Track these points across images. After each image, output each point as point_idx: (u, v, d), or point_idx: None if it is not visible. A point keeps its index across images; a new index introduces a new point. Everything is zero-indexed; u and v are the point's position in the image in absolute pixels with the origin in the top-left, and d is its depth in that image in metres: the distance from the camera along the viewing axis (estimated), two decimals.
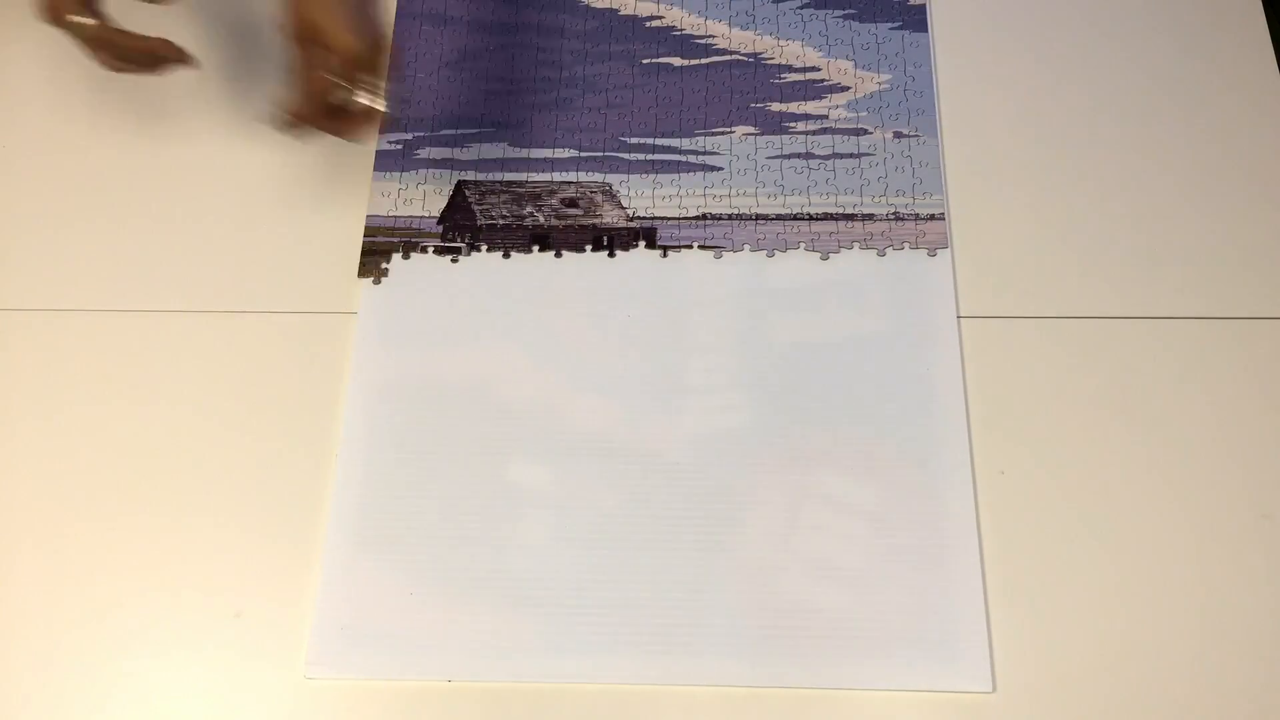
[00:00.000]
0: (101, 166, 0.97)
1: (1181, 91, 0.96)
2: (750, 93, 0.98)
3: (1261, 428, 0.83)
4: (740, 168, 0.95)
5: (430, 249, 0.92)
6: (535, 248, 0.91)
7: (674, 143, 0.96)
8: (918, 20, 1.01)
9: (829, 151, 0.95)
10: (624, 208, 0.94)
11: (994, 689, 0.75)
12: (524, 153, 0.97)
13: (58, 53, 1.01)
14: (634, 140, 0.96)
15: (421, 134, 0.97)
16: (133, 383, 0.87)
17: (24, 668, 0.78)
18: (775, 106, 0.98)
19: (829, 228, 0.92)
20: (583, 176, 0.95)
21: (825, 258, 0.91)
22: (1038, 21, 1.00)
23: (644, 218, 0.93)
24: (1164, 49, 0.98)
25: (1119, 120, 0.95)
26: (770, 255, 0.91)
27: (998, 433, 0.83)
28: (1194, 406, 0.84)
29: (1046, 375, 0.85)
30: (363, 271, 0.91)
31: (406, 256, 0.92)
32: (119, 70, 0.83)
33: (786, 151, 0.95)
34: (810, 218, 0.93)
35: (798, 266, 0.91)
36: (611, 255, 0.91)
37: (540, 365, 0.87)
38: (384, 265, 0.91)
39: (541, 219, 0.94)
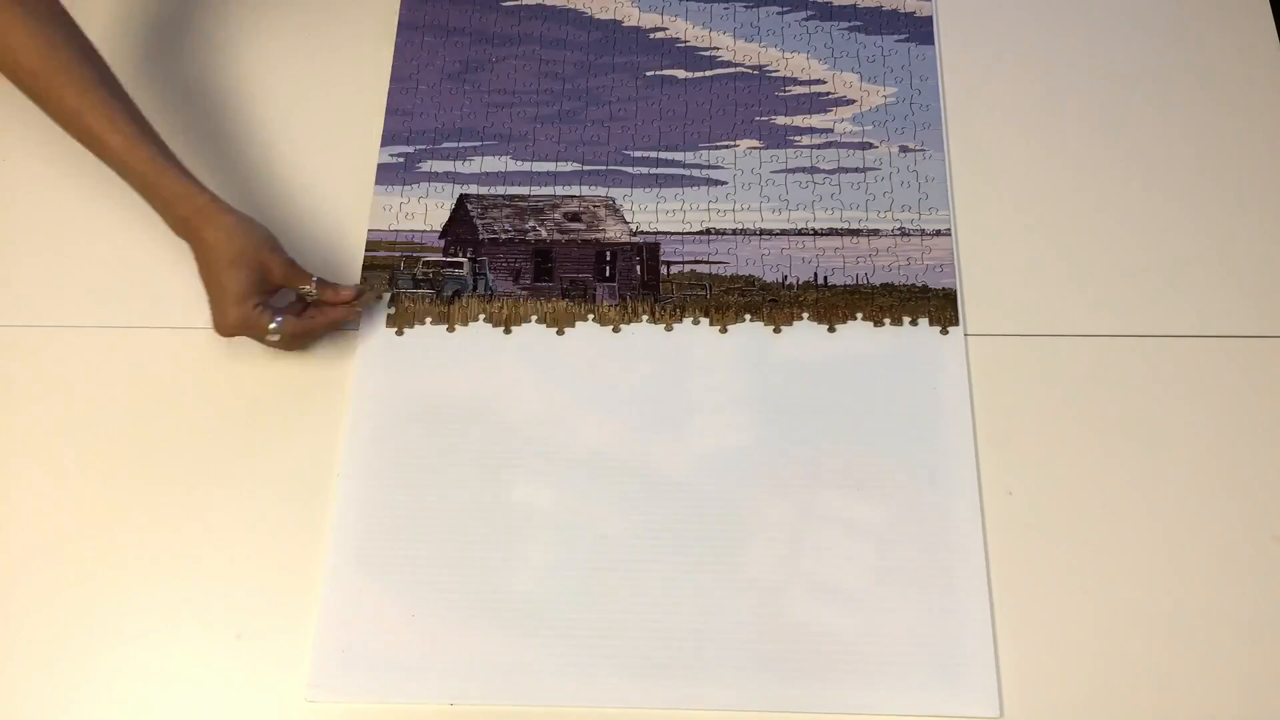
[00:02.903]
0: (101, 185, 0.96)
1: (1189, 109, 0.95)
2: (755, 106, 0.97)
3: (1272, 448, 0.82)
4: (744, 182, 0.94)
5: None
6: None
7: (678, 156, 0.95)
8: (924, 33, 1.00)
9: (834, 166, 0.94)
10: (627, 222, 0.93)
11: (1001, 714, 0.75)
12: (526, 166, 0.96)
13: None
14: (637, 154, 0.96)
15: (423, 146, 0.97)
16: (131, 402, 0.86)
17: (25, 690, 0.78)
18: (780, 120, 0.97)
19: (834, 243, 0.91)
20: (585, 190, 0.95)
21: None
22: (1045, 34, 0.99)
23: (647, 232, 0.92)
24: (1172, 66, 0.97)
25: (1127, 134, 0.94)
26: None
27: (1006, 452, 0.83)
28: (1205, 426, 0.83)
29: (1055, 394, 0.84)
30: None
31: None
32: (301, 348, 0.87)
33: (791, 166, 0.95)
34: (815, 233, 0.92)
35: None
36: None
37: (543, 385, 0.86)
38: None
39: (544, 233, 0.93)
